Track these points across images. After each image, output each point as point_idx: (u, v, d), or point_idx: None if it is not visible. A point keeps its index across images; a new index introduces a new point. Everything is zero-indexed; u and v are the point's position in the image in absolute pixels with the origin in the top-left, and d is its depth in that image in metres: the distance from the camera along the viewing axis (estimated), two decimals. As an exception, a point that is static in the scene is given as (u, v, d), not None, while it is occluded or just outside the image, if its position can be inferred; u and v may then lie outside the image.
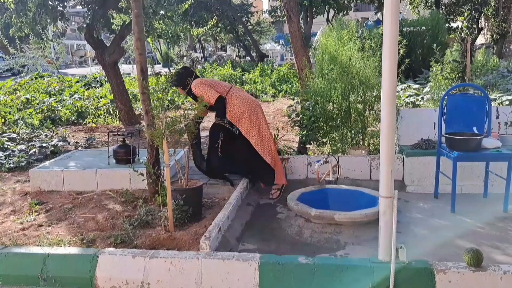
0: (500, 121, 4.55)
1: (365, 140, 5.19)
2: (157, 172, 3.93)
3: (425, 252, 3.08)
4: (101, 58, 6.89)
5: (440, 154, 4.09)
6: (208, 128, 4.72)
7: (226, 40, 31.76)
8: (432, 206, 4.02)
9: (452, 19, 19.15)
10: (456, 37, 7.98)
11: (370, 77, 4.98)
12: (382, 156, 2.57)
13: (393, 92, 2.51)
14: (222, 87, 4.43)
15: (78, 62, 31.13)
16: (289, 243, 3.35)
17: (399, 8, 2.51)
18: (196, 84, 4.28)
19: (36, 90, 11.77)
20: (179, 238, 3.27)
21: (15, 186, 4.80)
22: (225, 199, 4.04)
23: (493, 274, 2.53)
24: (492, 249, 3.11)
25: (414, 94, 7.97)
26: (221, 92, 4.33)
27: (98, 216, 3.83)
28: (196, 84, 4.28)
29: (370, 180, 4.60)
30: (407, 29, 12.30)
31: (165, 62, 26.31)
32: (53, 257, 2.93)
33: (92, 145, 6.80)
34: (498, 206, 3.86)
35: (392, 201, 2.55)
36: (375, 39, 5.29)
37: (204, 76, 15.06)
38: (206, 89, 4.26)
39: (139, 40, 3.91)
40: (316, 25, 19.94)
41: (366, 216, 3.54)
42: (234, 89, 4.49)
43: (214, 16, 17.37)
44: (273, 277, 2.69)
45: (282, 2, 5.88)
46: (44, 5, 6.11)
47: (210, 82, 4.44)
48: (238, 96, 4.38)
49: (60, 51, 17.42)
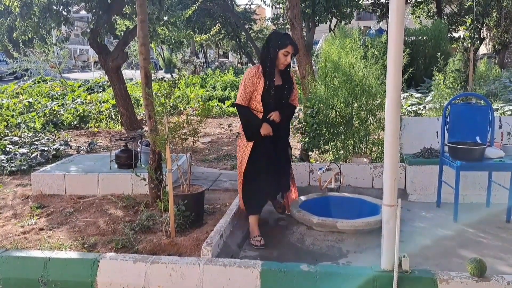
0: (503, 131, 4.55)
1: (368, 148, 5.18)
2: (159, 177, 3.92)
3: (427, 261, 3.07)
4: (104, 63, 6.90)
5: (442, 163, 4.08)
6: (210, 134, 4.70)
7: (228, 47, 31.87)
8: (435, 215, 4.00)
9: (454, 29, 19.23)
10: (459, 47, 8.00)
11: (373, 85, 4.99)
12: (386, 164, 2.56)
13: (398, 100, 2.51)
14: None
15: (81, 67, 31.26)
16: (291, 251, 3.33)
17: (404, 15, 2.51)
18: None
19: (39, 94, 11.80)
20: (181, 244, 3.25)
21: (17, 190, 4.80)
22: (226, 205, 4.04)
23: (496, 284, 2.51)
24: (495, 259, 3.09)
25: (417, 103, 7.98)
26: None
27: (100, 221, 3.83)
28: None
29: (373, 188, 4.59)
30: (410, 38, 12.35)
31: (167, 68, 26.43)
32: (53, 261, 2.92)
33: (94, 150, 6.80)
34: (501, 216, 3.85)
35: (396, 209, 2.54)
36: (378, 48, 5.30)
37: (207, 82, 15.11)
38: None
39: (143, 45, 3.93)
40: (319, 33, 20.00)
41: (369, 224, 3.53)
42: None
43: (217, 23, 17.42)
44: (275, 284, 2.67)
45: (286, 10, 5.92)
46: (49, 10, 6.13)
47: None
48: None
49: (63, 56, 17.49)
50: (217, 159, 6.17)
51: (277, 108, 3.58)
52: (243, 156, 3.61)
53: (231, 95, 12.54)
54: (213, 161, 6.11)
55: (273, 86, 3.51)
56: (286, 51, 3.44)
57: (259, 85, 3.49)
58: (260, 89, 3.49)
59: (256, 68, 3.54)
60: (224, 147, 7.00)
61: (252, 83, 3.49)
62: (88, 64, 30.20)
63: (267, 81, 3.48)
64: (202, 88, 14.09)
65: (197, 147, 6.52)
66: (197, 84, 14.72)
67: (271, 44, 3.49)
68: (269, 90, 3.50)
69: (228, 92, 13.01)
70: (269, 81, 3.48)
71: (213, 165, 5.86)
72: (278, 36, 3.51)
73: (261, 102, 3.51)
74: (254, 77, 3.49)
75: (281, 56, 3.46)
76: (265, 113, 3.56)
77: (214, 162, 6.05)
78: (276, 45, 3.46)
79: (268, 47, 3.50)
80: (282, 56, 3.46)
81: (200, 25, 20.43)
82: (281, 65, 3.50)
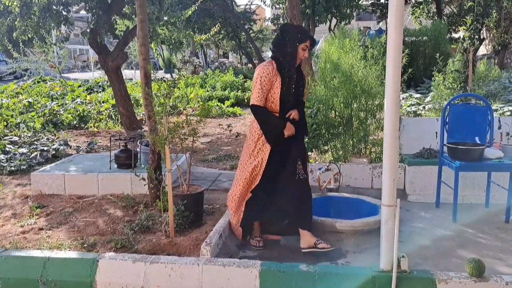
0: (502, 132, 4.55)
1: (367, 149, 5.19)
2: (158, 177, 3.93)
3: (426, 261, 3.07)
4: (104, 63, 6.90)
5: (442, 163, 4.08)
6: (209, 134, 4.68)
7: (228, 47, 31.90)
8: (434, 215, 4.01)
9: (454, 30, 19.25)
10: (458, 47, 8.00)
11: (373, 85, 4.99)
12: (385, 164, 2.57)
13: (397, 100, 2.51)
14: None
15: (81, 67, 31.26)
16: (290, 251, 3.33)
17: (404, 16, 2.52)
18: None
19: (39, 94, 11.79)
20: (180, 244, 3.26)
21: (16, 189, 4.80)
22: (226, 206, 4.03)
23: (495, 284, 2.52)
24: (494, 260, 3.09)
25: (416, 104, 7.98)
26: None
27: (99, 221, 3.83)
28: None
29: (372, 189, 4.59)
30: (409, 39, 12.35)
31: (167, 68, 26.43)
32: (53, 261, 2.92)
33: (94, 150, 6.80)
34: (500, 216, 3.85)
35: (395, 209, 2.54)
36: (377, 48, 5.31)
37: (206, 82, 15.11)
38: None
39: (143, 45, 3.93)
40: (318, 33, 20.05)
41: (368, 224, 3.53)
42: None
43: (217, 23, 17.43)
44: (274, 284, 2.67)
45: (285, 11, 5.92)
46: (49, 9, 6.14)
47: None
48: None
49: (63, 56, 17.49)
50: (216, 159, 6.17)
51: (295, 106, 3.31)
52: (257, 162, 3.27)
53: (230, 95, 12.54)
54: (213, 161, 6.11)
55: (293, 83, 3.26)
56: (306, 45, 3.21)
57: (276, 83, 3.20)
58: (277, 88, 3.21)
59: (270, 65, 3.24)
60: (224, 147, 7.01)
61: (268, 81, 3.19)
62: (88, 64, 30.22)
63: (287, 78, 3.21)
64: (202, 88, 14.09)
65: (196, 147, 6.53)
66: (197, 84, 14.72)
67: (289, 37, 3.20)
68: (289, 88, 3.23)
69: (228, 92, 13.01)
70: (289, 78, 3.21)
71: (213, 165, 5.87)
72: (296, 29, 3.29)
73: (279, 101, 3.22)
74: (270, 75, 3.19)
75: (300, 51, 3.20)
76: (281, 114, 3.27)
77: (213, 162, 6.05)
78: (296, 39, 3.18)
79: (285, 41, 3.21)
80: (301, 51, 3.21)
81: (200, 25, 20.46)
82: (298, 60, 3.25)
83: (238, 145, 7.09)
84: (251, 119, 3.45)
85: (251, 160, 3.31)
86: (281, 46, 3.24)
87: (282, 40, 3.24)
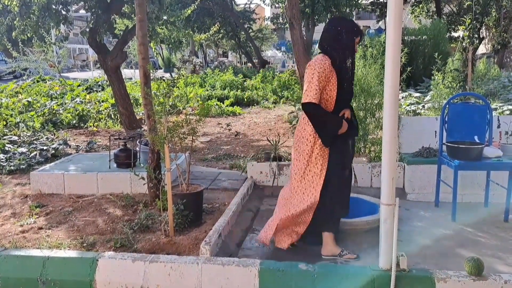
0: (501, 131, 4.56)
1: (366, 148, 5.19)
2: (158, 176, 3.93)
3: (425, 260, 3.08)
4: (103, 62, 6.90)
5: (441, 162, 4.09)
6: (209, 134, 4.68)
7: (228, 46, 31.87)
8: (433, 214, 4.01)
9: (453, 29, 19.25)
10: (458, 46, 8.01)
11: (372, 84, 5.00)
12: (384, 163, 2.57)
13: (396, 99, 2.52)
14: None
15: (80, 66, 31.23)
16: (290, 250, 3.33)
17: (403, 15, 2.52)
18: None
19: (38, 93, 11.79)
20: (179, 243, 3.26)
21: (16, 189, 4.80)
22: (225, 205, 4.04)
23: (494, 283, 2.53)
24: (493, 259, 3.10)
25: (415, 103, 7.98)
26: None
27: (98, 220, 3.83)
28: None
29: (371, 188, 4.60)
30: (409, 38, 12.33)
31: (166, 67, 26.41)
32: (52, 260, 2.93)
33: (93, 149, 6.80)
34: (499, 216, 3.86)
35: (394, 208, 2.54)
36: (377, 47, 5.31)
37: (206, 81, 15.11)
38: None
39: (142, 44, 3.93)
40: (318, 32, 20.03)
41: (367, 223, 3.54)
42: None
43: (217, 23, 17.44)
44: (273, 283, 2.68)
45: (285, 10, 5.92)
46: (48, 9, 6.14)
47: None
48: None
49: (62, 55, 17.47)
50: (216, 159, 6.17)
51: (347, 105, 3.12)
52: (318, 165, 3.06)
53: (230, 95, 12.53)
54: (212, 160, 6.11)
55: (351, 80, 3.08)
56: (359, 40, 3.04)
57: (332, 80, 2.94)
58: (334, 85, 2.95)
59: (326, 59, 2.96)
60: (223, 147, 7.00)
61: (325, 77, 2.92)
62: (87, 64, 30.18)
63: (347, 75, 3.00)
64: (201, 87, 14.08)
65: (196, 146, 6.53)
66: (196, 84, 14.72)
67: (345, 31, 2.99)
68: (349, 85, 3.05)
69: (227, 91, 13.01)
70: (350, 74, 3.03)
71: (212, 164, 5.87)
72: (351, 23, 3.08)
73: (335, 100, 3.00)
74: (327, 70, 2.92)
75: (355, 45, 3.04)
76: (333, 113, 3.05)
77: (213, 161, 6.05)
78: (352, 32, 3.00)
79: (342, 35, 2.98)
80: (355, 45, 3.04)
81: (200, 24, 20.48)
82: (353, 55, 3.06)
83: (237, 144, 7.09)
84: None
85: (310, 167, 3.08)
86: (337, 40, 2.99)
87: (338, 34, 2.99)
